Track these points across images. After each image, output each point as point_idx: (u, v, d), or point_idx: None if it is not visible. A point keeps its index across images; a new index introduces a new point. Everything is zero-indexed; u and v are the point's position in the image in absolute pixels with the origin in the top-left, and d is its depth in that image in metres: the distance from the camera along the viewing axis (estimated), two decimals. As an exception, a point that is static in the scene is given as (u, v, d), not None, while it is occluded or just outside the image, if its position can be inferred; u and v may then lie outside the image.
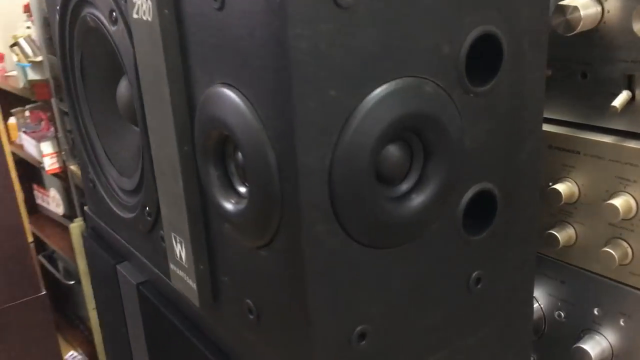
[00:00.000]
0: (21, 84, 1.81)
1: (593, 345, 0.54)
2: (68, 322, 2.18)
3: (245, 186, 0.39)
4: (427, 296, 0.40)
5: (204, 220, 0.43)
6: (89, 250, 0.70)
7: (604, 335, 0.54)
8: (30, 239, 1.43)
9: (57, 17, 0.58)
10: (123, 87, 0.56)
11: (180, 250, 0.46)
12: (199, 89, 0.39)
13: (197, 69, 0.39)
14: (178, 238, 0.46)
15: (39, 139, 1.81)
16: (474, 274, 0.42)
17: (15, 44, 1.77)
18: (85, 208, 0.72)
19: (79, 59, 0.60)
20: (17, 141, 2.03)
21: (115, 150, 0.61)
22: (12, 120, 2.07)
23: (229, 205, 0.39)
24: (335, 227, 0.35)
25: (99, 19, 0.52)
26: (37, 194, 2.20)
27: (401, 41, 0.34)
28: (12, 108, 2.03)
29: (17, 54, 1.81)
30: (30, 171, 2.13)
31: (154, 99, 0.43)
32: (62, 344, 2.16)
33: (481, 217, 0.42)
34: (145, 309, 0.58)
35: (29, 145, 1.92)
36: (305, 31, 0.31)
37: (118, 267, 0.62)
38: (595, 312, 0.54)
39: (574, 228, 0.53)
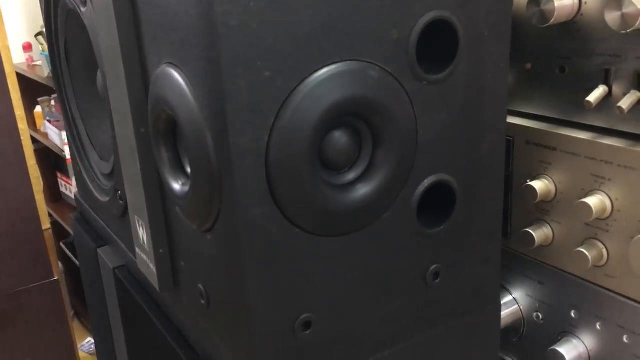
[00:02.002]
0: (46, 73, 1.84)
1: (569, 349, 0.52)
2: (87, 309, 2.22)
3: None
4: (379, 288, 0.39)
5: (162, 203, 0.43)
6: (76, 234, 0.71)
7: (580, 339, 0.52)
8: (46, 225, 1.46)
9: (43, 0, 0.59)
10: (101, 72, 0.57)
11: (142, 233, 0.46)
12: (152, 70, 0.39)
13: (149, 49, 0.39)
14: (140, 221, 0.46)
15: (61, 128, 1.85)
16: (431, 268, 0.41)
17: (40, 33, 1.81)
18: (75, 192, 0.73)
19: (63, 43, 0.60)
20: (42, 130, 2.08)
21: (97, 134, 0.61)
22: (38, 109, 2.11)
23: (177, 187, 0.38)
24: (274, 212, 0.34)
25: (74, 1, 0.52)
26: (61, 182, 2.25)
27: (342, 23, 0.33)
28: (39, 97, 2.07)
29: (41, 44, 1.85)
30: (54, 160, 2.18)
31: (114, 80, 0.43)
32: (82, 331, 2.20)
33: (440, 210, 0.41)
34: (121, 292, 0.59)
35: (53, 134, 1.95)
36: (235, 8, 0.30)
37: (99, 250, 0.63)
38: (572, 315, 0.52)
39: (551, 227, 0.52)
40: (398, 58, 0.36)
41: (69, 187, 2.18)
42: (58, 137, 1.89)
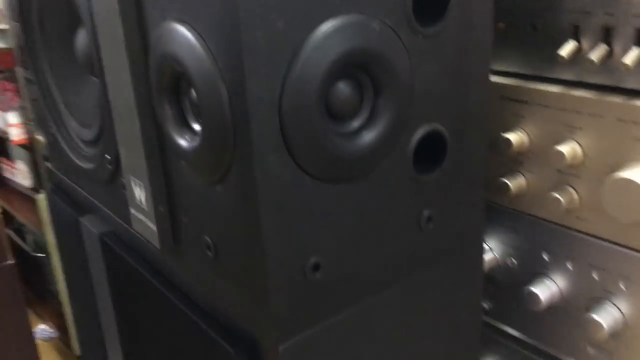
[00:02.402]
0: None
1: (542, 289, 0.56)
2: (38, 296, 2.17)
3: (199, 122, 0.40)
4: (379, 231, 0.42)
5: (162, 160, 0.44)
6: (52, 206, 0.70)
7: (552, 279, 0.56)
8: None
9: (15, -33, 0.58)
10: (81, 37, 0.57)
11: (140, 193, 0.47)
12: (153, 28, 0.40)
13: (150, 7, 0.39)
14: (137, 181, 0.46)
15: (5, 110, 1.79)
16: (425, 212, 0.44)
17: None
18: (47, 164, 0.72)
19: (36, 9, 0.60)
20: (-18, 112, 2.00)
21: (75, 101, 0.61)
22: (-23, 90, 2.03)
23: (184, 142, 0.39)
24: (287, 159, 0.36)
25: (56, -34, 0.52)
26: (4, 166, 2.17)
27: (348, -23, 0.35)
28: (-23, 78, 1.99)
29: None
30: (-4, 144, 2.10)
31: (109, 41, 0.43)
32: (32, 317, 2.15)
33: (432, 158, 0.43)
34: (108, 258, 0.59)
35: (-5, 116, 1.89)
36: (253, -38, 0.31)
37: (81, 219, 0.63)
38: (545, 257, 0.56)
39: (525, 176, 0.55)
40: (396, 12, 0.38)
41: (13, 171, 2.11)
42: (0, 119, 1.82)
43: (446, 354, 0.51)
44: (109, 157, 0.53)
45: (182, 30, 0.36)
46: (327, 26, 0.35)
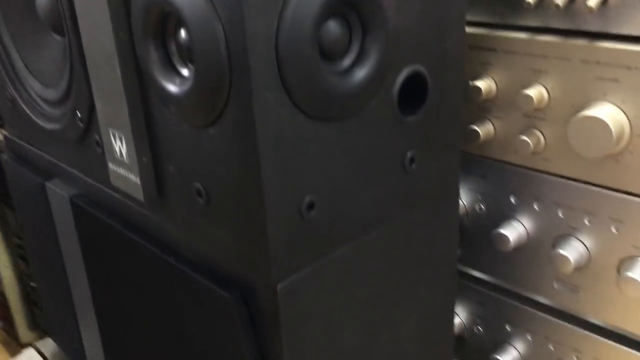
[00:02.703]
0: None
1: (510, 230, 0.59)
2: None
3: (187, 65, 0.39)
4: (368, 171, 0.43)
5: (144, 109, 0.44)
6: (11, 173, 0.68)
7: (519, 221, 0.59)
8: None
9: None
10: (43, -7, 0.55)
11: (120, 146, 0.46)
12: (136, -29, 0.39)
13: (134, -51, 0.39)
14: (117, 134, 0.46)
15: None
16: (408, 153, 0.45)
17: None
18: (4, 131, 0.69)
19: (-9, -34, 0.57)
20: None
21: (36, 61, 0.59)
22: None
23: (173, 87, 0.39)
24: (283, 97, 0.36)
25: None
26: None
27: None
28: None
29: None
30: None
31: (86, -12, 0.42)
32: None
33: (414, 100, 0.45)
34: (81, 221, 0.58)
35: None
36: None
37: (47, 184, 0.61)
38: (512, 200, 0.59)
39: (492, 123, 0.58)
40: (382, -50, 0.38)
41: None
42: None
43: (427, 295, 0.53)
44: (80, 114, 0.52)
45: (172, -32, 0.36)
46: (319, -38, 0.35)
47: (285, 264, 0.40)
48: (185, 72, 0.39)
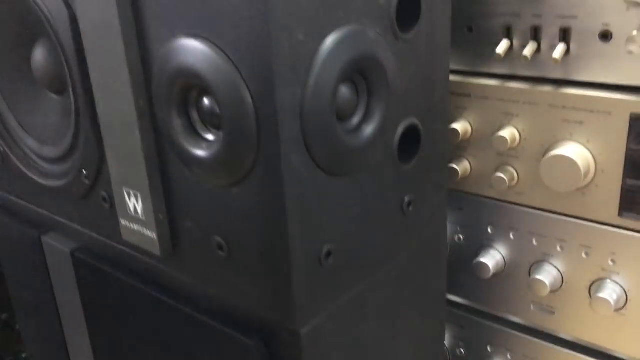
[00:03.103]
0: None
1: (489, 259, 0.64)
2: None
3: (211, 130, 0.42)
4: (374, 217, 0.47)
5: (161, 169, 0.46)
6: (0, 228, 0.68)
7: (497, 249, 0.64)
8: None
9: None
10: (41, 54, 0.56)
11: (135, 204, 0.48)
12: (157, 43, 0.42)
13: (153, 24, 0.41)
14: (132, 192, 0.48)
15: None
16: (406, 198, 0.49)
17: None
18: (-11, 187, 0.69)
19: (-17, 29, 0.58)
20: None
21: (31, 119, 0.60)
22: None
23: (199, 152, 0.42)
24: (306, 157, 0.40)
25: (16, -16, 0.52)
26: None
27: (349, -8, 0.39)
28: None
29: None
30: None
31: (102, 58, 0.45)
32: None
33: (408, 149, 0.49)
34: (83, 274, 0.59)
35: None
36: (279, -19, 0.35)
37: (43, 238, 0.62)
38: (489, 231, 0.64)
39: (469, 161, 0.63)
40: (383, 20, 0.43)
41: None
42: None
43: (422, 324, 0.57)
44: (86, 172, 0.53)
45: (199, 44, 0.39)
46: (335, 36, 0.39)
47: (308, 309, 0.43)
48: (210, 137, 0.42)
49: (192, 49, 0.39)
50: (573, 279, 0.60)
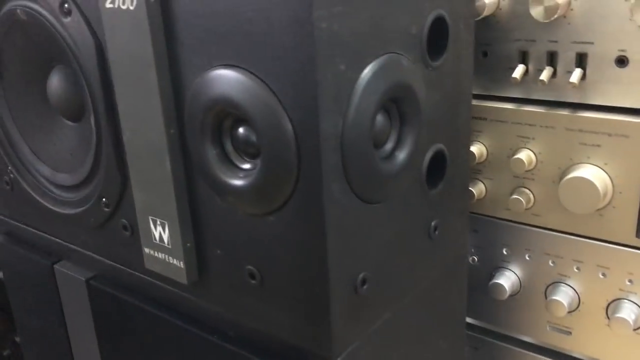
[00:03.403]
0: None
1: (505, 280, 0.64)
2: None
3: (245, 159, 0.42)
4: (404, 243, 0.47)
5: (189, 198, 0.46)
6: (7, 256, 0.67)
7: (512, 270, 0.65)
8: None
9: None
10: (58, 81, 0.56)
11: (160, 232, 0.48)
12: (191, 72, 0.41)
13: (188, 53, 0.41)
14: (159, 220, 0.47)
15: None
16: (432, 223, 0.50)
17: None
18: (-4, 214, 0.68)
19: (-4, 56, 0.58)
20: None
21: (45, 147, 0.59)
22: None
23: (235, 181, 0.42)
24: (345, 186, 0.40)
25: (36, 11, 0.51)
26: None
27: (384, 22, 0.40)
28: None
29: None
30: None
31: (131, 86, 0.44)
32: None
33: (434, 174, 0.49)
34: (98, 304, 0.58)
35: None
36: (324, 13, 0.35)
37: (56, 267, 0.61)
38: (504, 252, 0.65)
39: (483, 183, 0.63)
40: (414, 49, 0.43)
41: None
42: None
43: (445, 347, 0.57)
44: (106, 200, 0.53)
45: (237, 74, 0.39)
46: (373, 65, 0.39)
47: (343, 338, 0.43)
48: (246, 166, 0.42)
49: (230, 78, 0.39)
50: (590, 300, 0.60)
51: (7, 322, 1.00)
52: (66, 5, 0.48)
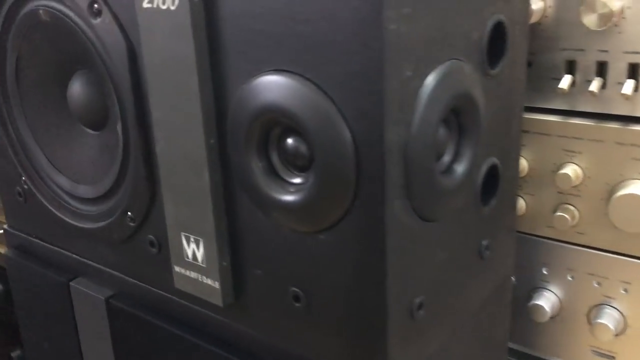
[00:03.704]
0: None
1: (544, 301, 0.61)
2: None
3: (293, 172, 0.39)
4: (458, 264, 0.44)
5: (228, 213, 0.42)
6: (17, 271, 0.63)
7: (552, 291, 0.61)
8: None
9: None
10: (79, 87, 0.53)
11: (194, 249, 0.44)
12: (237, 78, 0.38)
13: (234, 59, 0.38)
14: (192, 237, 0.44)
15: None
16: (483, 242, 0.46)
17: None
18: (5, 226, 0.64)
19: (13, 59, 0.54)
20: None
21: (63, 156, 0.56)
22: None
23: (284, 197, 0.38)
24: (407, 203, 0.36)
25: (60, 11, 0.48)
26: None
27: (449, 27, 0.37)
28: None
29: None
30: None
31: (169, 93, 0.41)
32: None
33: (486, 190, 0.46)
34: (118, 325, 0.54)
35: None
36: (394, 14, 0.32)
37: (72, 284, 0.57)
38: (544, 272, 0.61)
39: (524, 199, 0.60)
40: (474, 56, 0.40)
41: None
42: None
43: (487, 374, 0.54)
44: (131, 214, 0.49)
45: (290, 80, 0.36)
46: (437, 72, 0.36)
47: (398, 366, 0.40)
48: (296, 180, 0.38)
49: (282, 85, 0.36)
50: (638, 323, 0.57)
51: (2, 335, 0.97)
52: (96, 5, 0.45)
